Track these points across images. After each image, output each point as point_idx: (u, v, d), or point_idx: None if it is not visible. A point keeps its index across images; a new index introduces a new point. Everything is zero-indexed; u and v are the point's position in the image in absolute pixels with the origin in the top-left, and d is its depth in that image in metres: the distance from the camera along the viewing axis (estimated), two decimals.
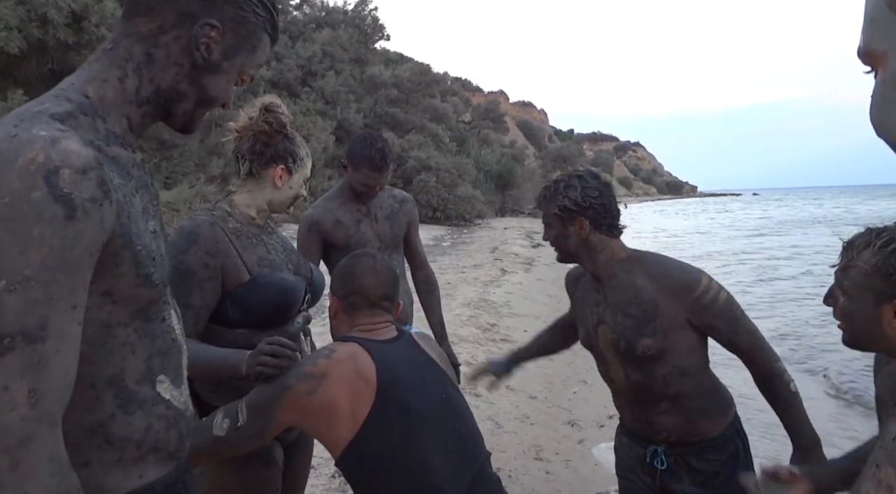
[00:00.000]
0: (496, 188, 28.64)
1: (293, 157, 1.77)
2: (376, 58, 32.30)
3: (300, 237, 2.61)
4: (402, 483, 1.38)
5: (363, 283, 1.60)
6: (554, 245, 1.90)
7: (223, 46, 1.05)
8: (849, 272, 1.24)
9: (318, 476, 3.26)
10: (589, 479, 3.72)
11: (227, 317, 1.65)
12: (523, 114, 68.07)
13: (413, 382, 1.48)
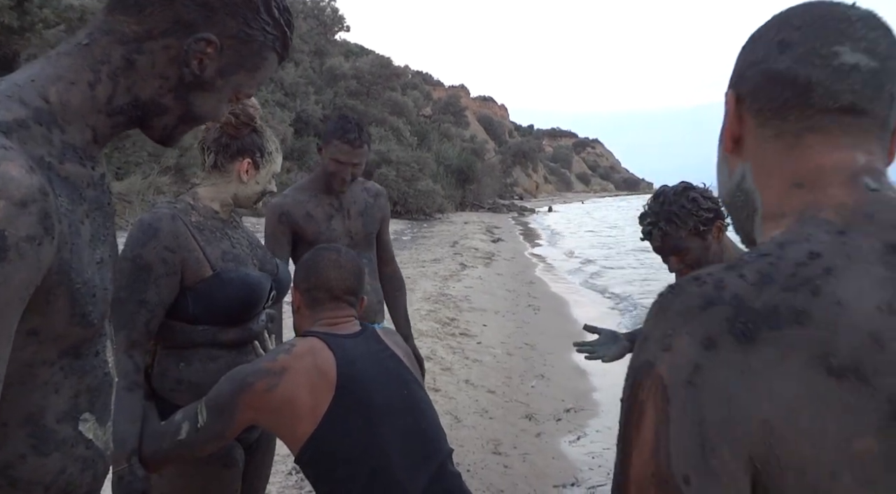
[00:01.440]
0: (457, 182, 28.69)
1: (261, 151, 1.72)
2: (336, 49, 31.97)
3: (269, 227, 2.50)
4: (360, 478, 1.37)
5: (327, 277, 1.58)
6: (693, 266, 1.77)
7: (219, 63, 0.91)
8: None
9: (274, 474, 3.21)
10: (546, 473, 3.76)
11: (189, 313, 1.61)
12: (484, 109, 68.30)
13: (374, 377, 1.46)
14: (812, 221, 0.61)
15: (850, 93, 0.63)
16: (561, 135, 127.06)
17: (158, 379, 1.63)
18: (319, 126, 25.02)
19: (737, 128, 0.70)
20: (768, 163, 0.67)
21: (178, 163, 15.45)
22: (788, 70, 0.65)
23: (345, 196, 2.54)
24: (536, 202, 48.66)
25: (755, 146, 0.68)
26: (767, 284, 0.56)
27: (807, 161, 0.65)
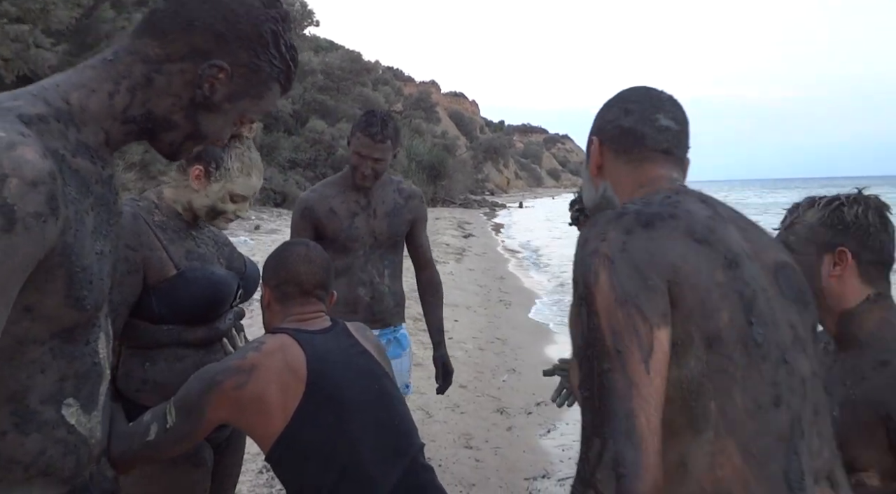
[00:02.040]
0: (428, 178, 28.66)
1: (216, 163, 1.66)
2: (305, 44, 31.62)
3: (293, 222, 2.49)
4: (331, 474, 1.37)
5: (296, 271, 1.56)
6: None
7: (229, 89, 1.01)
8: (794, 228, 1.39)
9: (244, 472, 3.18)
10: (517, 466, 3.80)
11: (153, 313, 1.59)
12: (455, 105, 68.29)
13: (344, 373, 1.46)
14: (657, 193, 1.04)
15: (666, 143, 1.11)
16: (531, 131, 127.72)
17: (123, 380, 1.61)
18: (289, 121, 24.76)
19: (600, 160, 1.15)
20: (622, 179, 1.12)
21: (142, 160, 15.15)
22: (631, 127, 1.12)
23: (374, 195, 2.47)
24: (508, 197, 48.88)
25: (612, 170, 1.14)
26: (650, 205, 0.99)
27: (645, 174, 1.10)
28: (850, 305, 1.34)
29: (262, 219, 16.52)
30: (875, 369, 1.26)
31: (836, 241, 1.33)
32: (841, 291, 1.34)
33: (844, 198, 1.37)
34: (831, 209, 1.35)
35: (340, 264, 2.41)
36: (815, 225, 1.36)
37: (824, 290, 1.34)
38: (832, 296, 1.35)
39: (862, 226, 1.33)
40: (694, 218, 0.96)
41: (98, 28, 12.30)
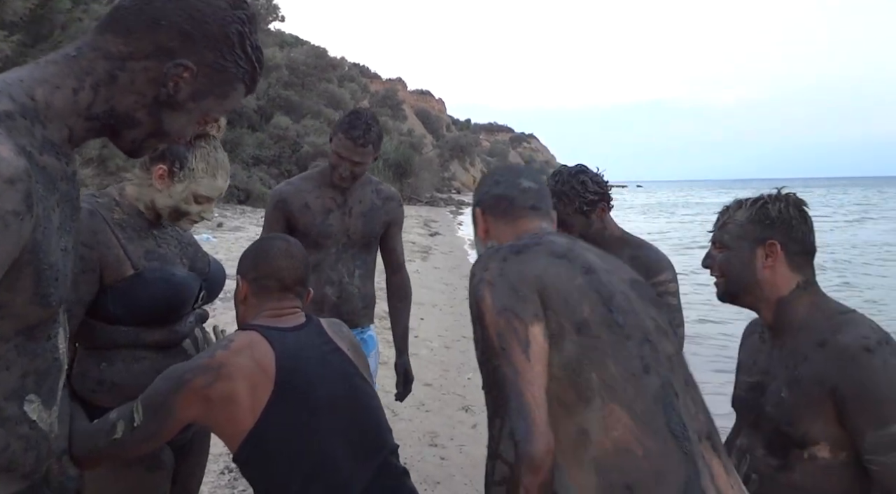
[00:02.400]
0: (394, 176, 28.57)
1: (180, 163, 1.62)
2: (270, 39, 31.20)
3: (266, 213, 2.47)
4: (300, 473, 1.35)
5: (277, 266, 1.53)
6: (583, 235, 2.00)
7: (193, 88, 1.01)
8: (727, 227, 1.53)
9: (206, 473, 3.14)
10: (482, 463, 3.81)
11: (109, 313, 1.55)
12: (421, 103, 68.16)
13: (316, 371, 1.44)
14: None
15: (531, 200, 1.40)
16: (498, 130, 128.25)
17: (79, 380, 1.56)
18: (253, 117, 24.41)
19: (485, 226, 1.43)
20: (503, 236, 1.37)
21: (100, 155, 14.77)
22: (502, 193, 1.41)
23: (351, 193, 2.44)
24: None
25: (495, 230, 1.40)
26: (520, 240, 1.26)
27: (521, 228, 1.37)
28: (784, 293, 1.48)
29: (224, 217, 16.25)
30: (814, 349, 1.38)
31: (766, 235, 1.47)
32: (774, 280, 1.48)
33: (767, 196, 1.51)
34: (757, 207, 1.49)
35: (310, 260, 2.39)
36: (744, 222, 1.50)
37: (760, 281, 1.48)
38: (767, 286, 1.48)
39: (785, 219, 1.47)
40: (555, 243, 1.24)
41: (53, 18, 11.95)
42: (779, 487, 1.41)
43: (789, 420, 1.39)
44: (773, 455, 1.44)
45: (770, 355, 1.51)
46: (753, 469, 1.46)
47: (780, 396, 1.41)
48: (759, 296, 1.49)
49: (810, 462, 1.37)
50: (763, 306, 1.50)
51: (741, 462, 1.51)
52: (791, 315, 1.47)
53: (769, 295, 1.48)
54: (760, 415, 1.47)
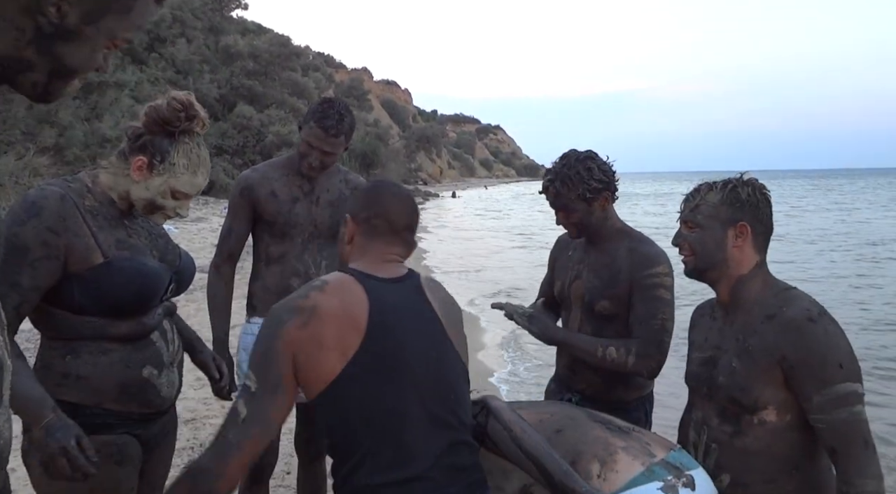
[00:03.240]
0: (360, 167, 28.40)
1: (161, 157, 1.57)
2: (232, 27, 30.62)
3: (231, 199, 2.37)
4: (372, 434, 1.28)
5: (390, 207, 1.45)
6: (575, 225, 2.01)
7: (82, 8, 0.81)
8: (700, 208, 1.61)
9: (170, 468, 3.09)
10: None
11: (74, 302, 1.50)
12: (387, 93, 67.75)
13: (407, 330, 1.35)
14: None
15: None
16: (464, 121, 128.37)
17: (43, 373, 1.50)
18: (216, 106, 23.94)
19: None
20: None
21: (56, 143, 14.35)
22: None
23: (319, 182, 2.37)
24: (441, 187, 49.03)
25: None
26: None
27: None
28: (744, 271, 1.60)
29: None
30: (763, 322, 1.52)
31: (737, 217, 1.57)
32: (740, 259, 1.59)
33: (735, 180, 1.61)
34: (728, 190, 1.59)
35: (276, 251, 2.35)
36: (717, 204, 1.59)
37: (727, 260, 1.59)
38: (734, 264, 1.59)
39: (753, 202, 1.58)
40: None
41: None
42: (735, 452, 1.53)
43: (741, 387, 1.51)
44: (726, 422, 1.55)
45: (721, 331, 1.62)
46: (712, 438, 1.57)
47: (732, 366, 1.54)
48: (722, 273, 1.60)
49: (760, 427, 1.51)
50: (723, 283, 1.61)
51: (700, 434, 1.60)
52: (746, 292, 1.59)
53: (732, 273, 1.59)
54: (713, 387, 1.58)
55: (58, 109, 14.38)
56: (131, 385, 1.56)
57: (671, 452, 1.42)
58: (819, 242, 16.86)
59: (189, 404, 3.99)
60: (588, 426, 1.37)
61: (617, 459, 1.32)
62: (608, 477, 1.29)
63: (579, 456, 1.31)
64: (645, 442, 1.36)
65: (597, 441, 1.33)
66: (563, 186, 1.95)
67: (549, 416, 1.57)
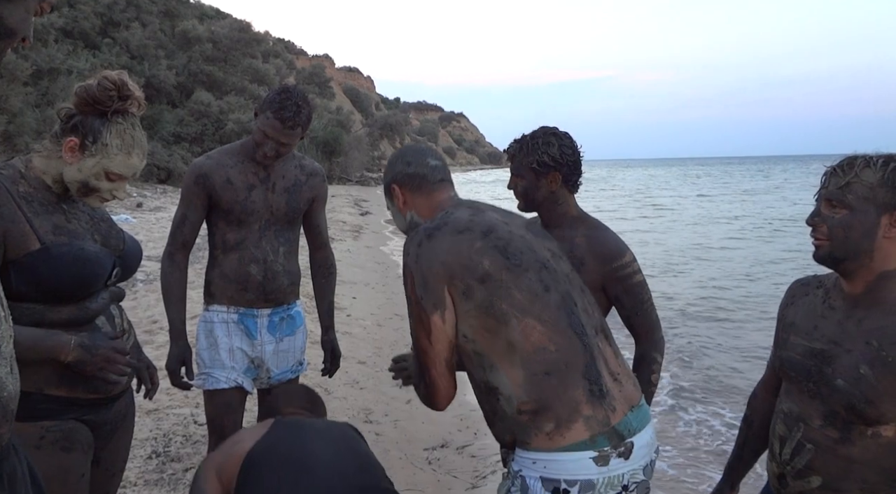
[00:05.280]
0: (323, 155, 28.08)
1: (93, 137, 1.54)
2: (189, 11, 29.86)
3: (185, 187, 2.32)
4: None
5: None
6: (521, 195, 2.02)
7: None
8: (852, 187, 1.37)
9: (132, 459, 3.05)
10: (416, 437, 3.87)
11: (12, 289, 1.47)
12: (350, 81, 66.99)
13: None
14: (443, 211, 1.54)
15: (439, 174, 1.64)
16: (427, 109, 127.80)
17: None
18: (173, 93, 23.37)
19: (403, 197, 1.63)
20: (421, 206, 1.62)
21: (6, 131, 13.85)
22: (415, 171, 1.62)
23: (274, 168, 2.35)
24: None
25: (413, 201, 1.63)
26: (433, 222, 1.48)
27: (434, 199, 1.61)
28: (891, 267, 1.37)
29: (144, 197, 15.58)
30: None
31: (895, 203, 1.34)
32: (889, 252, 1.37)
33: None
34: (890, 169, 1.35)
35: (232, 238, 2.33)
36: (874, 184, 1.36)
37: (874, 250, 1.37)
38: (881, 256, 1.37)
39: None
40: (458, 219, 1.47)
41: None
42: (836, 459, 1.40)
43: (867, 399, 1.33)
44: (832, 426, 1.40)
45: (842, 325, 1.42)
46: (809, 439, 1.44)
47: (860, 373, 1.35)
48: (863, 264, 1.39)
49: (872, 439, 1.36)
50: (860, 275, 1.40)
51: (792, 430, 1.47)
52: (888, 291, 1.38)
53: (875, 266, 1.38)
54: (824, 386, 1.41)
55: (7, 96, 13.89)
56: (74, 370, 1.53)
57: (629, 413, 1.42)
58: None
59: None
60: (574, 380, 1.36)
61: (571, 426, 1.35)
62: (554, 438, 1.35)
63: (544, 409, 1.35)
64: (610, 407, 1.38)
65: (568, 403, 1.35)
66: (518, 151, 2.01)
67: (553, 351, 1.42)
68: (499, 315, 1.38)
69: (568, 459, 1.35)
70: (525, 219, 1.61)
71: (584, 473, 1.35)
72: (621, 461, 1.37)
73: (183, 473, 3.02)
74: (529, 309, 1.39)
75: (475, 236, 1.43)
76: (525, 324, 1.38)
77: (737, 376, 5.77)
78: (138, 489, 2.86)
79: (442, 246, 1.42)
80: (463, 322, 1.41)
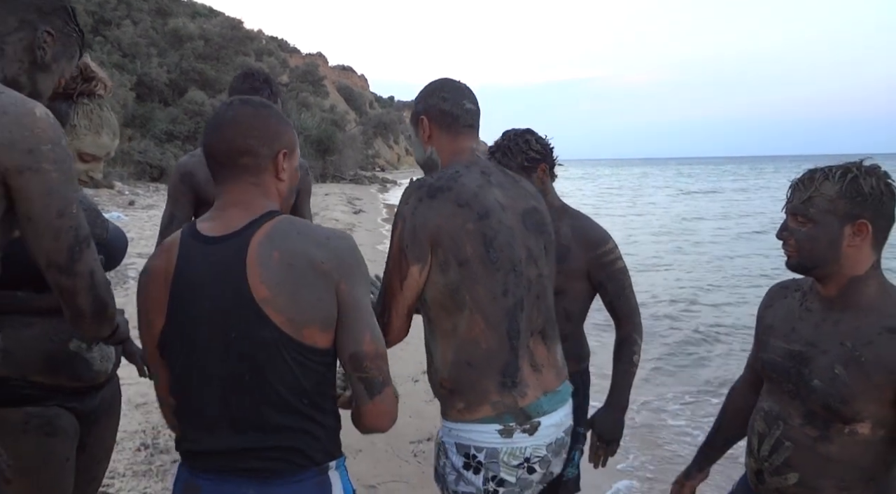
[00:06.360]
0: (317, 153, 28.08)
1: (62, 120, 1.56)
2: (181, 9, 29.79)
3: (171, 186, 2.38)
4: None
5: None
6: None
7: (54, 51, 1.28)
8: (814, 201, 1.41)
9: (121, 450, 3.10)
10: (403, 431, 3.92)
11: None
12: (343, 79, 66.87)
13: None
14: (458, 163, 1.59)
15: (470, 119, 1.64)
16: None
17: None
18: (165, 91, 23.33)
19: (429, 131, 1.63)
20: (444, 146, 1.63)
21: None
22: (449, 109, 1.62)
23: None
24: (399, 173, 48.80)
25: (437, 138, 1.63)
26: (440, 179, 1.53)
27: (458, 145, 1.63)
28: (860, 272, 1.41)
29: (136, 195, 15.56)
30: (882, 335, 1.36)
31: (856, 213, 1.37)
32: (856, 259, 1.41)
33: (857, 169, 1.39)
34: (848, 181, 1.38)
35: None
36: (834, 197, 1.39)
37: (840, 259, 1.40)
38: (848, 264, 1.41)
39: (876, 196, 1.37)
40: (464, 188, 1.51)
41: None
42: (814, 456, 1.43)
43: (842, 398, 1.37)
44: (811, 425, 1.44)
45: (818, 327, 1.46)
46: (787, 436, 1.47)
47: (834, 372, 1.38)
48: (832, 271, 1.43)
49: (850, 437, 1.40)
50: (832, 280, 1.44)
51: (771, 428, 1.51)
52: (859, 295, 1.42)
53: (845, 273, 1.42)
54: (803, 387, 1.44)
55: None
56: (57, 358, 1.56)
57: (542, 397, 1.54)
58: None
59: (141, 388, 3.97)
60: (490, 375, 1.51)
61: (479, 408, 1.51)
62: (464, 414, 1.53)
63: (458, 392, 1.53)
64: (521, 394, 1.52)
65: (480, 392, 1.51)
66: (503, 157, 2.08)
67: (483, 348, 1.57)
68: (459, 301, 1.50)
69: (476, 429, 1.53)
70: (528, 202, 1.62)
71: (490, 442, 1.53)
72: (525, 436, 1.54)
73: (171, 464, 3.07)
74: (483, 307, 1.50)
75: (471, 216, 1.49)
76: (473, 319, 1.51)
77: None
78: (127, 479, 2.91)
79: (441, 211, 1.48)
80: (428, 290, 1.52)
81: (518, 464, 1.54)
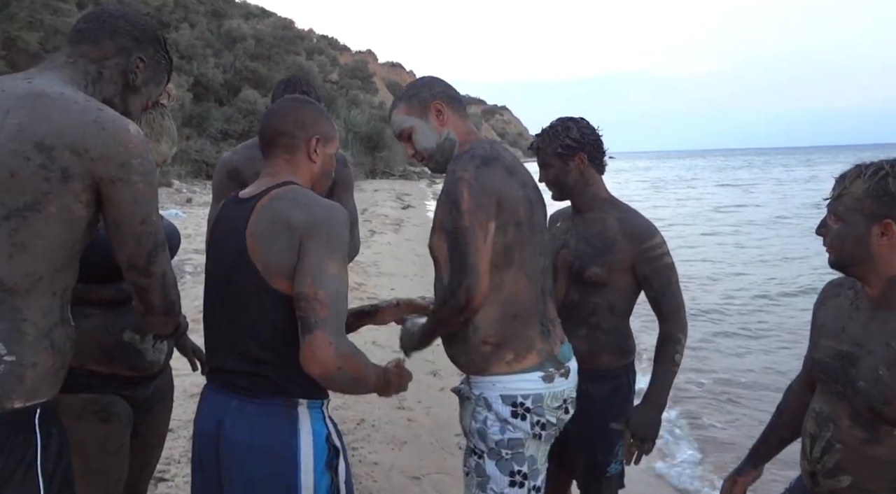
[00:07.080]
0: (366, 150, 28.36)
1: None
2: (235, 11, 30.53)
3: (216, 183, 2.43)
4: None
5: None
6: (553, 183, 2.12)
7: (145, 75, 1.44)
8: (842, 199, 1.42)
9: (176, 439, 3.22)
10: (448, 423, 3.95)
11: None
12: (392, 76, 67.30)
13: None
14: (478, 141, 1.75)
15: (464, 106, 1.83)
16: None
17: None
18: (220, 91, 23.97)
19: (445, 116, 1.75)
20: (459, 127, 1.78)
21: None
22: (454, 95, 1.79)
23: None
24: None
25: (452, 120, 1.77)
26: (486, 150, 1.67)
27: (467, 125, 1.80)
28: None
29: (193, 192, 16.06)
30: None
31: (882, 213, 1.36)
32: (889, 258, 1.39)
33: (889, 167, 1.38)
34: (876, 180, 1.37)
35: None
36: (861, 195, 1.38)
37: (874, 257, 1.40)
38: (883, 264, 1.40)
39: None
40: (506, 160, 1.67)
41: None
42: (864, 458, 1.42)
43: (885, 400, 1.36)
44: (859, 427, 1.42)
45: (866, 327, 1.44)
46: (837, 438, 1.46)
47: (878, 373, 1.37)
48: (870, 269, 1.42)
49: (888, 439, 1.39)
50: (872, 279, 1.43)
51: (822, 429, 1.50)
52: None
53: (883, 271, 1.41)
54: (850, 387, 1.43)
55: None
56: (113, 348, 1.64)
57: (562, 346, 1.75)
58: None
59: (196, 379, 4.09)
60: (533, 323, 1.69)
61: (527, 356, 1.67)
62: (512, 365, 1.67)
63: (506, 343, 1.66)
64: (554, 342, 1.72)
65: (526, 340, 1.67)
66: (541, 141, 2.11)
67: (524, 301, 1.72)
68: (509, 259, 1.64)
69: (523, 379, 1.67)
70: (532, 177, 1.78)
71: (535, 388, 1.67)
72: (563, 380, 1.71)
73: None
74: (527, 265, 1.67)
75: (518, 183, 1.65)
76: (518, 276, 1.66)
77: None
78: (182, 466, 3.03)
79: (498, 176, 1.62)
80: None
81: (558, 406, 1.70)
